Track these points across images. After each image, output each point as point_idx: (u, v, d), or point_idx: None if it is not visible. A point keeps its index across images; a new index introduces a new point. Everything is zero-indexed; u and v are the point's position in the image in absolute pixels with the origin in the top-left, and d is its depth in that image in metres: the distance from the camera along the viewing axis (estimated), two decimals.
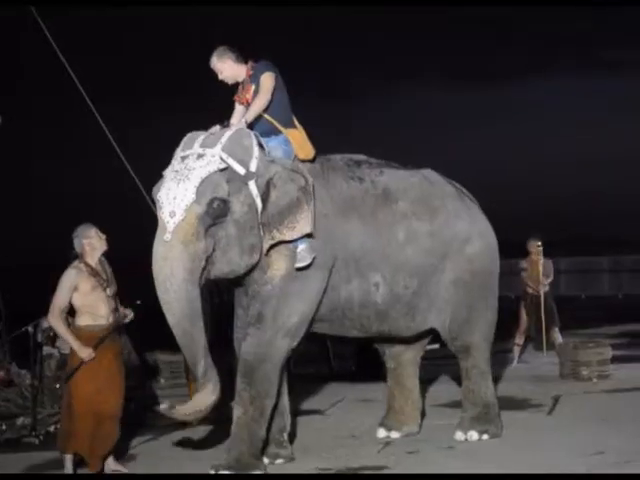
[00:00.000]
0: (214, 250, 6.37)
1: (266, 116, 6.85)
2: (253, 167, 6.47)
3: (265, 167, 6.53)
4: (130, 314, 7.00)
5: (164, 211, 6.27)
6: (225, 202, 6.33)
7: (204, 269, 6.38)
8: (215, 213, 6.30)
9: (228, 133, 6.56)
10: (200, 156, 6.40)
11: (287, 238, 6.50)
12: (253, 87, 6.81)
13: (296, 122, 6.97)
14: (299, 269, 6.59)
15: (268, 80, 6.74)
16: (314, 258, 6.59)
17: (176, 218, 6.22)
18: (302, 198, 6.50)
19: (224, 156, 6.38)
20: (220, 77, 6.97)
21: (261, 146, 6.68)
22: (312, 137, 7.03)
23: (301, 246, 6.58)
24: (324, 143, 7.27)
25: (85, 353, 6.63)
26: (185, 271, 6.25)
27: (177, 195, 6.24)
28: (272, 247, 6.55)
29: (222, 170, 6.36)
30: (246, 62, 6.93)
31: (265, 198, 6.50)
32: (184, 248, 6.23)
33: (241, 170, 6.41)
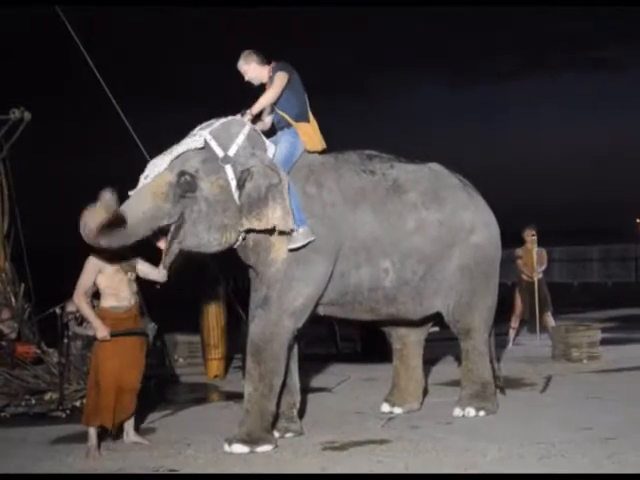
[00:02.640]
0: (185, 222, 6.56)
1: (279, 111, 6.98)
2: (232, 152, 6.59)
3: (246, 157, 6.62)
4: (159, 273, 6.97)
5: (142, 175, 6.59)
6: (193, 177, 6.53)
7: (174, 240, 6.58)
8: (183, 186, 6.52)
9: (223, 120, 6.77)
10: (192, 135, 6.69)
11: (255, 227, 6.63)
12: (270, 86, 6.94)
13: (311, 117, 7.04)
14: (291, 250, 6.68)
15: (278, 79, 6.83)
16: (311, 242, 6.67)
17: (147, 180, 6.55)
18: (270, 194, 6.54)
19: (208, 137, 6.60)
20: (246, 78, 7.07)
21: (262, 140, 6.83)
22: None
23: (299, 229, 6.65)
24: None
25: (103, 332, 6.75)
26: (149, 200, 6.48)
27: (157, 164, 6.59)
28: (261, 231, 6.66)
29: (201, 149, 6.59)
30: (268, 62, 7.02)
31: (241, 186, 6.59)
32: (152, 196, 6.49)
33: (220, 153, 6.58)
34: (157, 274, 6.98)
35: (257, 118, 7.03)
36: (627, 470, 5.52)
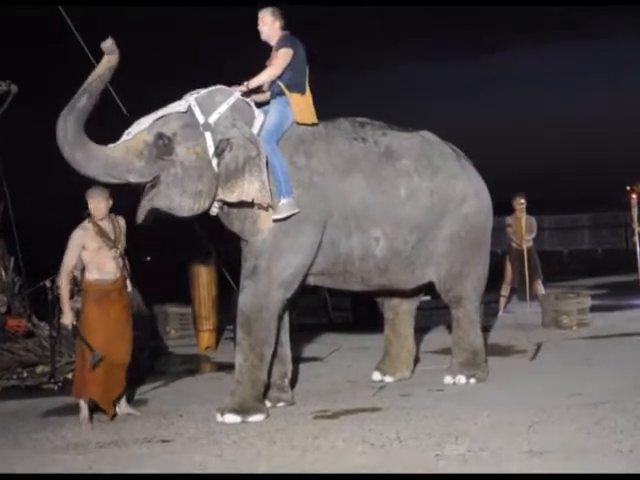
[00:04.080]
0: (160, 183, 6.60)
1: (278, 81, 6.92)
2: (212, 120, 6.62)
3: (226, 127, 6.64)
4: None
5: (125, 131, 6.63)
6: (170, 140, 6.56)
7: (145, 197, 6.64)
8: (159, 147, 6.55)
9: (212, 88, 6.81)
10: (180, 100, 6.74)
11: (226, 199, 6.67)
12: (275, 56, 6.90)
13: (307, 90, 7.00)
14: (277, 220, 6.69)
15: (281, 56, 6.82)
16: (297, 213, 6.68)
17: (128, 137, 6.59)
18: (247, 167, 6.56)
19: (192, 103, 6.66)
20: (259, 27, 7.02)
21: (250, 110, 6.84)
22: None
23: (283, 200, 6.66)
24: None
25: (67, 320, 6.89)
26: (121, 151, 6.55)
27: (140, 123, 6.64)
28: (230, 204, 6.71)
29: (184, 113, 6.62)
30: (284, 28, 6.98)
31: (219, 155, 6.62)
32: (125, 150, 6.55)
33: (201, 118, 6.61)
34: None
35: (259, 89, 7.00)
36: (620, 437, 5.53)
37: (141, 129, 6.60)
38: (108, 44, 6.43)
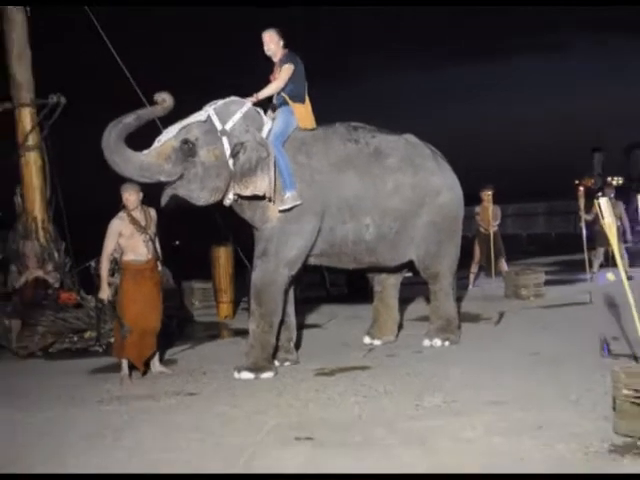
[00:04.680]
0: (182, 179, 6.59)
1: (281, 92, 6.91)
2: (228, 127, 6.61)
3: (241, 132, 6.63)
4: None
5: (157, 139, 6.62)
6: (194, 145, 6.56)
7: (170, 186, 6.62)
8: (184, 151, 6.54)
9: (228, 99, 6.78)
10: (201, 110, 6.72)
11: (241, 193, 6.67)
12: (278, 70, 6.88)
13: (307, 100, 6.98)
14: (282, 211, 6.70)
15: (284, 72, 6.79)
16: (299, 205, 6.68)
17: (159, 144, 6.57)
18: (259, 166, 6.57)
19: (211, 113, 6.65)
20: (265, 47, 6.96)
21: (260, 118, 6.81)
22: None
23: (288, 194, 6.66)
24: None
25: (104, 295, 7.03)
26: (154, 157, 6.53)
27: (169, 131, 6.62)
28: (244, 197, 6.71)
29: (204, 122, 6.61)
30: (285, 47, 6.94)
31: (235, 156, 6.60)
32: (157, 155, 6.54)
33: (218, 126, 6.61)
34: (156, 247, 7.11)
35: (269, 100, 6.99)
36: (569, 389, 5.57)
37: (169, 137, 6.59)
38: (163, 96, 6.56)
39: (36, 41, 9.86)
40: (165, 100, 6.57)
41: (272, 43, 6.94)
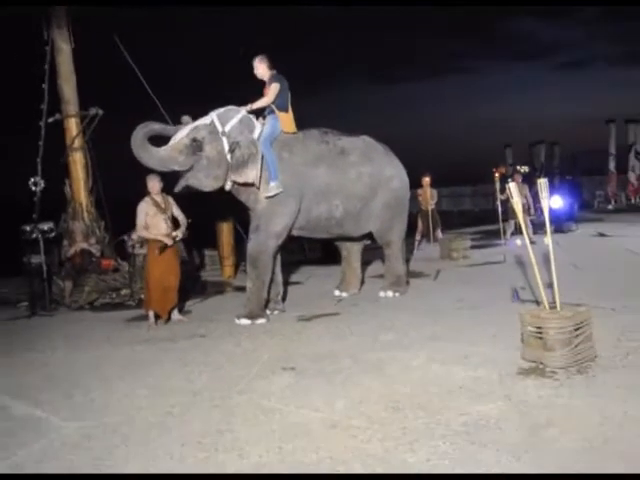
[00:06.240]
0: (193, 169, 6.51)
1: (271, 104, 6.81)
2: (227, 129, 6.52)
3: (237, 134, 6.54)
4: (179, 233, 6.94)
5: (172, 138, 6.50)
6: (201, 142, 6.48)
7: (184, 177, 6.51)
8: (194, 147, 6.46)
9: (228, 107, 6.68)
10: (205, 116, 6.63)
11: (237, 180, 6.60)
12: (268, 88, 6.76)
13: (290, 109, 6.87)
14: (268, 197, 6.64)
15: (273, 89, 6.68)
16: (282, 191, 6.61)
17: (174, 141, 6.47)
18: (250, 160, 6.53)
19: (214, 117, 6.58)
20: (255, 71, 6.84)
21: (252, 123, 6.68)
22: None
23: (272, 183, 6.60)
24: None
25: (165, 239, 6.81)
26: (169, 150, 6.42)
27: (182, 132, 6.51)
28: (238, 184, 6.62)
29: (209, 124, 6.53)
30: (272, 69, 6.81)
31: (232, 152, 6.51)
32: (172, 150, 6.44)
33: (220, 128, 6.52)
34: (182, 219, 7.02)
35: (262, 111, 6.85)
36: (489, 327, 5.59)
37: (182, 135, 6.49)
38: (186, 119, 6.54)
39: (78, 64, 9.67)
40: (188, 122, 6.51)
41: (261, 68, 6.82)
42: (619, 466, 2.96)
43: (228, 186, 6.69)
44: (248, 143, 6.57)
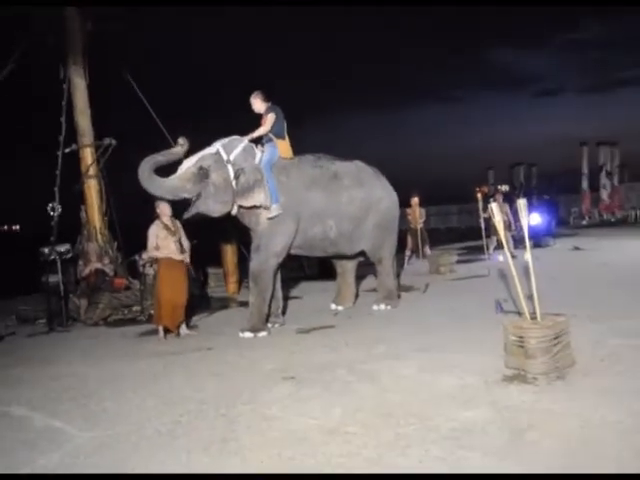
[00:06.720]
0: (201, 197, 6.45)
1: (268, 133, 6.82)
2: (232, 157, 6.51)
3: (241, 161, 6.53)
4: (186, 257, 6.93)
5: (179, 167, 6.47)
6: (207, 170, 6.45)
7: (194, 204, 6.45)
8: (200, 175, 6.43)
9: (231, 137, 6.68)
10: (211, 145, 6.62)
11: (244, 205, 6.56)
12: (265, 118, 6.79)
13: (286, 136, 6.89)
14: (269, 218, 6.62)
15: (269, 119, 6.70)
16: (281, 213, 6.59)
17: (181, 171, 6.45)
18: (255, 185, 6.51)
19: (219, 147, 6.56)
20: (252, 107, 6.85)
21: (253, 151, 6.68)
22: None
23: (273, 205, 6.59)
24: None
25: (175, 256, 6.81)
26: (177, 179, 6.41)
27: (189, 161, 6.48)
28: (245, 207, 6.58)
29: (214, 154, 6.51)
30: (267, 101, 6.83)
31: (237, 178, 6.50)
32: (179, 179, 6.41)
33: (225, 156, 6.50)
34: (186, 245, 7.00)
35: (260, 138, 6.86)
36: (474, 337, 5.56)
37: (189, 165, 6.47)
38: (182, 141, 6.45)
39: (93, 98, 9.72)
40: (184, 144, 6.45)
41: (257, 103, 6.84)
42: (597, 466, 2.93)
43: (234, 210, 6.68)
44: (252, 169, 6.57)
